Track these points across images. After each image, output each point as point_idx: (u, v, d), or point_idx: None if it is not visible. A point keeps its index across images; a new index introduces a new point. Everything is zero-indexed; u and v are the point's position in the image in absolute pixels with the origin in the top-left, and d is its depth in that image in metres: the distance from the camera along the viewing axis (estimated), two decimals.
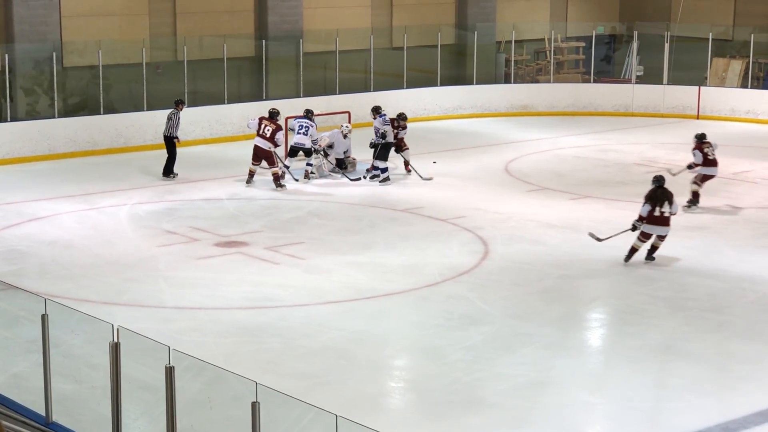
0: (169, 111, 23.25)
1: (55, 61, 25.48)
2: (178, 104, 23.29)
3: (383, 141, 22.74)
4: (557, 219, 19.67)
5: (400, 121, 23.42)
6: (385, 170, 22.60)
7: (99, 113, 26.20)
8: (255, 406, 8.25)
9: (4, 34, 26.14)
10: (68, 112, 26.28)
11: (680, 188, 19.32)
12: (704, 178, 20.61)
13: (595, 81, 33.34)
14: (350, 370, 12.70)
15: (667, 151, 26.08)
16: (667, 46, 32.16)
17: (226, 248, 17.63)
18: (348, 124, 23.78)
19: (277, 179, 21.95)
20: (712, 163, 20.58)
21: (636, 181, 22.77)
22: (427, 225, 19.26)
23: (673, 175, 20.78)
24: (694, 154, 20.65)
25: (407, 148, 23.50)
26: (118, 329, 9.60)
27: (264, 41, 29.30)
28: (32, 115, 25.92)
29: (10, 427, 9.03)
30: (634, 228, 16.84)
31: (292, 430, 8.78)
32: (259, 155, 22.13)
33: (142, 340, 9.86)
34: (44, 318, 10.22)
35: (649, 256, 16.94)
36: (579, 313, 15.06)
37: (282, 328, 14.05)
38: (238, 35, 29.74)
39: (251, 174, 22.26)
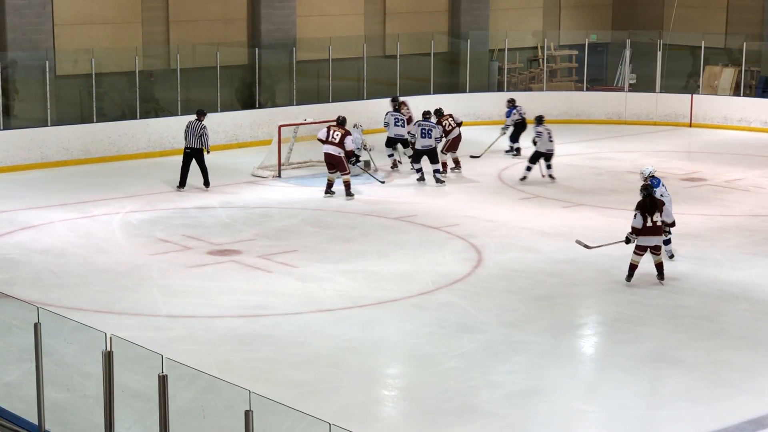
0: (191, 121, 22.79)
1: (48, 70, 25.47)
2: (200, 115, 22.83)
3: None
4: (550, 227, 19.70)
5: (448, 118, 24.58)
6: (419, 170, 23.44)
7: (92, 121, 26.19)
8: (248, 415, 8.25)
9: None
10: (61, 120, 26.25)
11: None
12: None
13: (588, 89, 33.38)
14: (343, 378, 12.70)
15: (660, 159, 26.11)
16: (659, 54, 32.22)
17: (219, 256, 17.63)
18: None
19: (349, 187, 21.84)
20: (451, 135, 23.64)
21: (629, 189, 22.77)
22: (421, 233, 19.28)
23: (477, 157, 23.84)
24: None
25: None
26: (111, 338, 9.59)
27: (257, 49, 29.32)
28: (25, 123, 25.88)
29: None
30: (628, 241, 16.28)
31: None
32: (332, 163, 21.97)
33: (135, 349, 9.85)
34: (37, 326, 10.20)
35: (660, 275, 16.32)
36: (572, 321, 15.08)
37: (275, 336, 14.05)
38: (232, 43, 29.76)
39: (330, 184, 22.01)
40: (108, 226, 19.68)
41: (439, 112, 24.47)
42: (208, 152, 22.71)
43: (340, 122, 22.50)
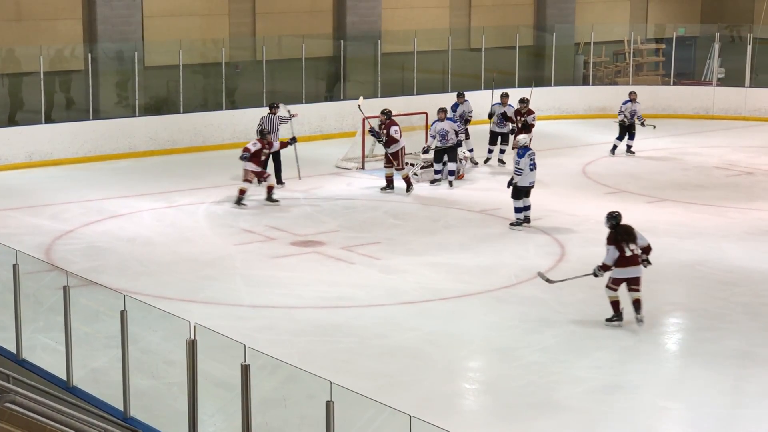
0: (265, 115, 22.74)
1: (136, 61, 25.81)
2: (273, 108, 22.74)
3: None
4: (634, 222, 19.33)
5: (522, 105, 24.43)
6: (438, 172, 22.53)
7: (179, 112, 26.49)
8: (329, 405, 8.29)
9: (88, 33, 26.54)
10: (149, 110, 26.60)
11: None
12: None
13: (674, 83, 32.99)
14: (424, 370, 12.72)
15: (748, 154, 25.74)
16: (749, 47, 31.73)
17: (302, 247, 17.73)
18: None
19: (409, 185, 21.65)
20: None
21: (716, 184, 22.53)
22: (504, 226, 19.21)
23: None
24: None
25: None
26: (195, 326, 9.71)
27: (342, 41, 29.42)
28: (114, 113, 26.25)
29: (88, 422, 9.16)
30: (595, 275, 14.19)
31: (365, 429, 8.80)
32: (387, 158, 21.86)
33: (218, 338, 9.95)
34: (123, 314, 10.36)
35: (638, 313, 14.02)
36: (655, 317, 14.92)
37: (357, 327, 14.10)
38: (317, 35, 29.89)
39: (408, 183, 21.75)
40: (193, 215, 19.89)
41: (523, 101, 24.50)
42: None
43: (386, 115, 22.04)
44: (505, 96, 24.59)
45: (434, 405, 11.63)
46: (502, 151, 24.40)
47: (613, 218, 14.37)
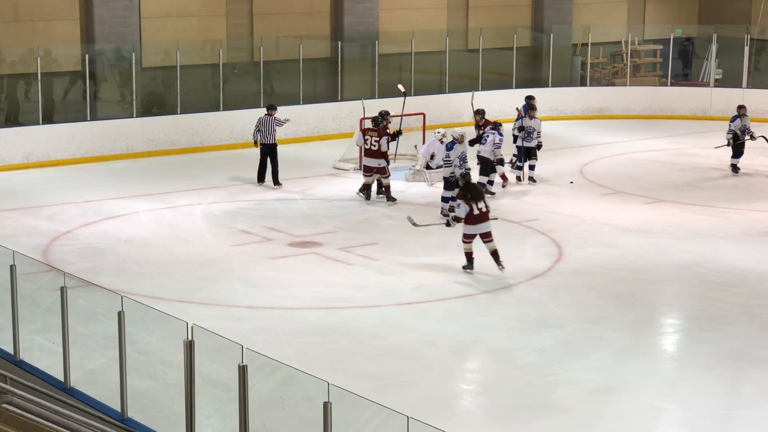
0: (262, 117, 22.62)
1: (134, 62, 25.81)
2: (270, 109, 22.61)
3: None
4: (632, 223, 19.53)
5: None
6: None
7: (176, 113, 26.49)
8: (327, 406, 8.30)
9: (85, 34, 26.53)
10: (146, 111, 26.60)
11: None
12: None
13: (672, 84, 33.00)
14: (422, 371, 12.72)
15: (747, 156, 25.72)
16: (747, 49, 31.75)
17: (299, 248, 17.74)
18: (441, 130, 21.87)
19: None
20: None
21: (713, 185, 22.56)
22: (501, 227, 19.17)
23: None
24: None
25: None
26: (192, 327, 9.71)
27: (340, 42, 29.43)
28: (111, 114, 26.25)
29: (86, 423, 9.16)
30: (448, 224, 16.77)
31: (363, 430, 8.81)
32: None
33: (215, 339, 9.96)
34: (120, 315, 10.36)
35: (497, 262, 16.18)
36: (652, 318, 14.95)
37: (354, 328, 14.11)
38: (314, 36, 29.89)
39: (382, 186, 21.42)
40: (191, 217, 19.89)
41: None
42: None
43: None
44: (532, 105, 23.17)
45: (431, 406, 11.64)
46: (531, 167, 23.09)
47: (464, 177, 16.97)
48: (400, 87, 24.09)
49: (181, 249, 17.71)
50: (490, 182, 21.31)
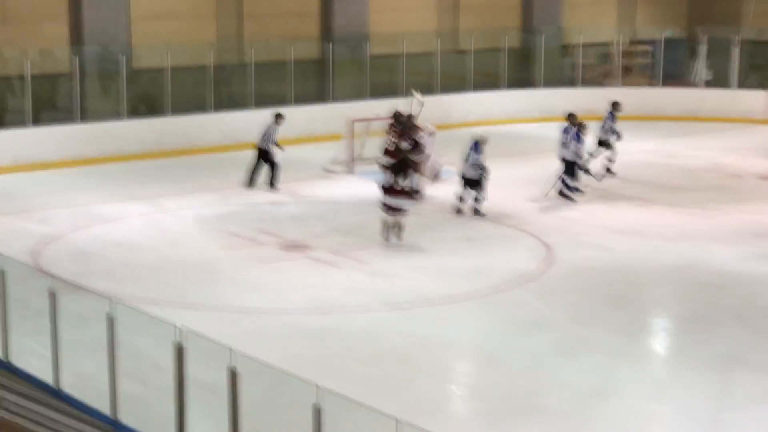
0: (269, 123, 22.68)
1: (123, 64, 25.75)
2: (278, 118, 22.63)
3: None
4: (623, 225, 19.53)
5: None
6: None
7: (166, 115, 26.43)
8: (317, 409, 8.28)
9: (74, 36, 26.46)
10: (136, 113, 26.54)
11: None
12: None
13: (663, 85, 33.02)
14: (413, 374, 12.70)
15: (736, 156, 25.78)
16: (737, 50, 31.77)
17: (290, 252, 17.70)
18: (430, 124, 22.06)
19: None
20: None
21: (704, 186, 22.57)
22: (493, 230, 19.21)
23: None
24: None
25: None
26: (183, 331, 9.68)
27: (330, 44, 29.39)
28: (101, 116, 26.18)
29: (76, 427, 9.14)
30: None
31: None
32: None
33: (206, 342, 9.93)
34: (111, 318, 10.32)
35: (398, 234, 18.10)
36: (644, 321, 14.95)
37: (345, 332, 14.08)
38: (305, 38, 29.86)
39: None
40: (181, 220, 19.85)
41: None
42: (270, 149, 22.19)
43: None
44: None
45: (422, 409, 11.61)
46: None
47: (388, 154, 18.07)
48: (418, 96, 23.65)
49: (171, 252, 17.67)
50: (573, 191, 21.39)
